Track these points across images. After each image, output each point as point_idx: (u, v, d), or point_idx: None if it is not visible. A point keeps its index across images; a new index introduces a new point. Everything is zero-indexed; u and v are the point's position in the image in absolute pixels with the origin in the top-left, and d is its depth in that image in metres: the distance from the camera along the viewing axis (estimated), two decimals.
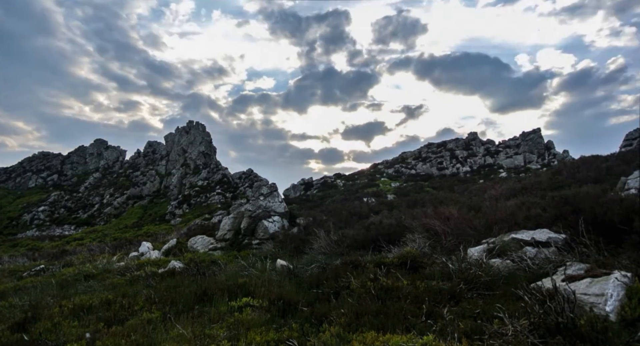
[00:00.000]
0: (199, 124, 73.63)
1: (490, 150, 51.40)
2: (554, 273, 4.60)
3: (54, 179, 76.63)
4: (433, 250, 7.20)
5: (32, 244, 32.76)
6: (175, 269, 8.54)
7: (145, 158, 77.03)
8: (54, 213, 59.93)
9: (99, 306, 5.77)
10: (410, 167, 50.72)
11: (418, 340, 3.23)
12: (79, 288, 7.92)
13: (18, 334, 4.75)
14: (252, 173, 62.97)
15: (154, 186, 65.15)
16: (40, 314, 5.51)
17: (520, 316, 3.54)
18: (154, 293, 6.13)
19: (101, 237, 35.36)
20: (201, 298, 5.74)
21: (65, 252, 19.25)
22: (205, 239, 15.43)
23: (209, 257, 10.82)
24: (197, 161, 67.67)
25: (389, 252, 7.50)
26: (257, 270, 7.57)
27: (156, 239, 22.25)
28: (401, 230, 8.76)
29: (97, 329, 4.72)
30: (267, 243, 13.49)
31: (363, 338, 3.47)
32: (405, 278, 5.25)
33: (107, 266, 10.77)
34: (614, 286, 3.70)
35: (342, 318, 4.18)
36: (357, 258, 6.65)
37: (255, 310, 4.92)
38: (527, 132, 52.08)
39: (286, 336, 3.92)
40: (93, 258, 14.04)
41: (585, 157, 20.46)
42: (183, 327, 4.39)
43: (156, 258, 12.23)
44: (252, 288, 5.80)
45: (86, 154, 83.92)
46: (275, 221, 15.00)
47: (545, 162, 44.22)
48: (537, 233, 6.19)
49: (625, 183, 8.61)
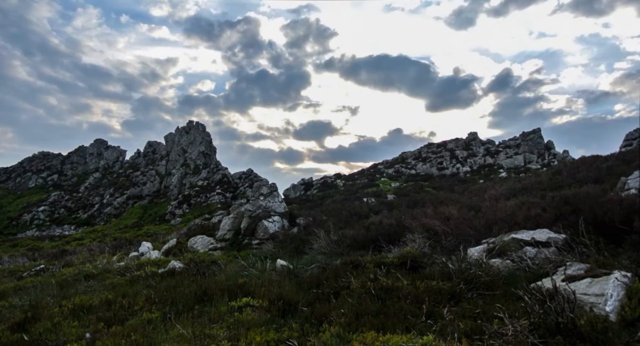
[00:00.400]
0: (199, 124, 73.64)
1: (490, 150, 51.44)
2: (554, 273, 4.60)
3: (54, 179, 76.64)
4: (433, 250, 7.20)
5: (32, 244, 32.74)
6: (175, 269, 8.54)
7: (145, 158, 77.06)
8: (54, 213, 59.94)
9: (99, 306, 5.77)
10: (410, 167, 50.75)
11: (418, 340, 3.23)
12: (79, 288, 7.92)
13: (18, 334, 4.75)
14: (252, 173, 63.00)
15: (154, 186, 65.16)
16: (40, 314, 5.51)
17: (520, 316, 3.54)
18: (154, 293, 6.13)
19: (101, 237, 35.37)
20: (201, 298, 5.74)
21: (65, 252, 19.25)
22: (205, 239, 15.43)
23: (209, 257, 10.81)
24: (197, 161, 67.68)
25: (389, 252, 7.49)
26: (257, 270, 7.57)
27: (156, 239, 22.24)
28: (401, 230, 8.75)
29: (97, 329, 4.73)
30: (267, 243, 13.49)
31: (363, 338, 3.47)
32: (405, 278, 5.25)
33: (107, 266, 10.78)
34: (614, 286, 3.70)
35: (342, 318, 4.18)
36: (357, 258, 6.65)
37: (255, 310, 4.92)
38: (527, 132, 52.13)
39: (286, 336, 3.92)
40: (93, 258, 14.04)
41: (585, 157, 20.48)
42: (183, 327, 4.39)
43: (156, 258, 12.24)
44: (252, 288, 5.80)
45: (86, 154, 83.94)
46: (275, 221, 15.00)
47: (545, 162, 44.24)
48: (537, 233, 6.19)
49: (625, 183, 8.60)
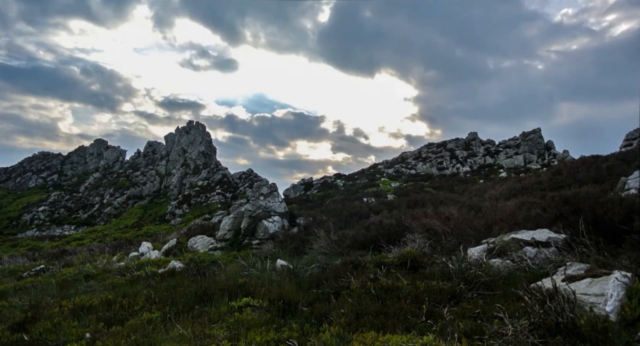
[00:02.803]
0: (199, 124, 73.64)
1: (490, 150, 51.40)
2: (554, 273, 4.60)
3: (54, 179, 76.64)
4: (433, 250, 7.20)
5: (32, 244, 32.72)
6: (176, 269, 8.54)
7: (145, 158, 77.06)
8: (54, 213, 59.94)
9: (99, 306, 5.77)
10: (410, 168, 50.73)
11: (418, 340, 3.23)
12: (79, 288, 7.92)
13: (18, 334, 4.75)
14: (252, 173, 62.99)
15: (154, 186, 65.16)
16: (40, 314, 5.51)
17: (520, 316, 3.54)
18: (154, 293, 6.13)
19: (101, 237, 35.34)
20: (201, 298, 5.74)
21: (65, 252, 19.23)
22: (205, 239, 15.43)
23: (209, 257, 10.81)
24: (197, 161, 67.66)
25: (389, 252, 7.49)
26: (257, 270, 7.57)
27: (156, 239, 22.22)
28: (401, 230, 8.75)
29: (97, 329, 4.72)
30: (267, 243, 13.48)
31: (363, 338, 3.46)
32: (405, 278, 5.25)
33: (107, 266, 10.78)
34: (614, 286, 3.70)
35: (342, 318, 4.18)
36: (357, 258, 6.65)
37: (255, 310, 4.92)
38: (527, 132, 52.05)
39: (286, 336, 3.92)
40: (93, 258, 14.04)
41: (585, 157, 20.44)
42: (183, 327, 4.39)
43: (156, 258, 12.23)
44: (252, 288, 5.80)
45: (86, 154, 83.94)
46: (275, 221, 14.99)
47: (545, 162, 44.19)
48: (537, 233, 6.18)
49: (626, 183, 8.59)
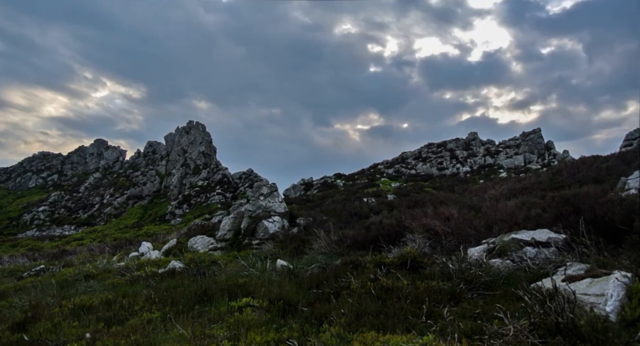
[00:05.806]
0: (199, 124, 73.62)
1: (490, 150, 51.39)
2: (554, 273, 4.60)
3: (54, 179, 76.64)
4: (433, 250, 7.19)
5: (32, 244, 32.73)
6: (176, 269, 8.53)
7: (145, 158, 77.05)
8: (54, 213, 59.95)
9: (99, 306, 5.77)
10: (410, 167, 50.72)
11: (418, 340, 3.23)
12: (79, 288, 7.92)
13: (18, 334, 4.75)
14: (252, 173, 62.99)
15: (154, 186, 65.16)
16: (40, 314, 5.51)
17: (521, 316, 3.54)
18: (154, 293, 6.13)
19: (101, 237, 35.33)
20: (201, 298, 5.74)
21: (65, 252, 19.25)
22: (205, 240, 15.42)
23: (209, 257, 10.80)
24: (197, 161, 67.66)
25: (389, 252, 7.48)
26: (257, 270, 7.56)
27: (156, 239, 22.24)
28: (401, 230, 8.74)
29: (97, 329, 4.72)
30: (267, 243, 13.48)
31: (363, 338, 3.46)
32: (406, 278, 5.25)
33: (107, 266, 10.77)
34: (614, 286, 3.69)
35: (342, 318, 4.17)
36: (357, 258, 6.64)
37: (256, 310, 4.92)
38: (527, 132, 52.03)
39: (286, 336, 3.92)
40: (93, 258, 14.04)
41: (585, 157, 20.44)
42: (183, 327, 4.38)
43: (156, 258, 12.23)
44: (252, 288, 5.80)
45: (86, 154, 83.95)
46: (276, 221, 14.99)
47: (545, 162, 44.18)
48: (537, 233, 6.18)
49: (626, 183, 8.59)
